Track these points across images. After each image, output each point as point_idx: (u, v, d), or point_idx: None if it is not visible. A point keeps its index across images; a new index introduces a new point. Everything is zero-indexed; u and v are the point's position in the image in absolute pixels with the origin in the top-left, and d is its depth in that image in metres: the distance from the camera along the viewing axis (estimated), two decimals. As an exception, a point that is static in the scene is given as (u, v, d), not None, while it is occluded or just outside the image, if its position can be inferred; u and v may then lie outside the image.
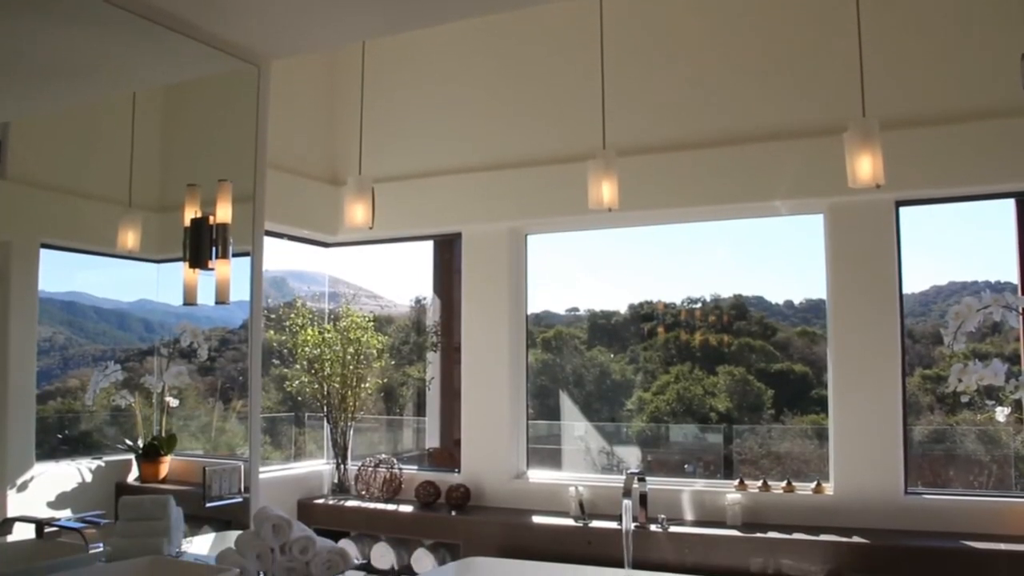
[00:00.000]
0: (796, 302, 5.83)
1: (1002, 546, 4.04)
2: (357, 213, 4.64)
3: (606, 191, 4.20)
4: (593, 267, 6.19)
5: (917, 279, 4.83)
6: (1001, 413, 4.35)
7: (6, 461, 2.87)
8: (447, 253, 6.16)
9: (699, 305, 5.95)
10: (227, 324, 3.89)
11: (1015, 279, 4.57)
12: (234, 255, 3.42)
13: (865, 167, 3.64)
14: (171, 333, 3.56)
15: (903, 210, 4.65)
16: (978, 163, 4.39)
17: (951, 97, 4.50)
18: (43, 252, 3.02)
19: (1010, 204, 4.58)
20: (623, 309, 6.17)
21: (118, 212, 3.28)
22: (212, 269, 3.39)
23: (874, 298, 4.62)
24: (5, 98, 2.89)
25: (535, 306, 5.87)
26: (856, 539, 4.28)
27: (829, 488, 4.71)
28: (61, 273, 3.12)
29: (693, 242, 5.83)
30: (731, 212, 5.14)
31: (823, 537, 4.34)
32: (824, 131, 4.54)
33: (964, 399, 4.37)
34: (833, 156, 3.98)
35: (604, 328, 6.30)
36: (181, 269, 3.35)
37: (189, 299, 3.42)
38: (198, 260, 3.36)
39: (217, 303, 3.45)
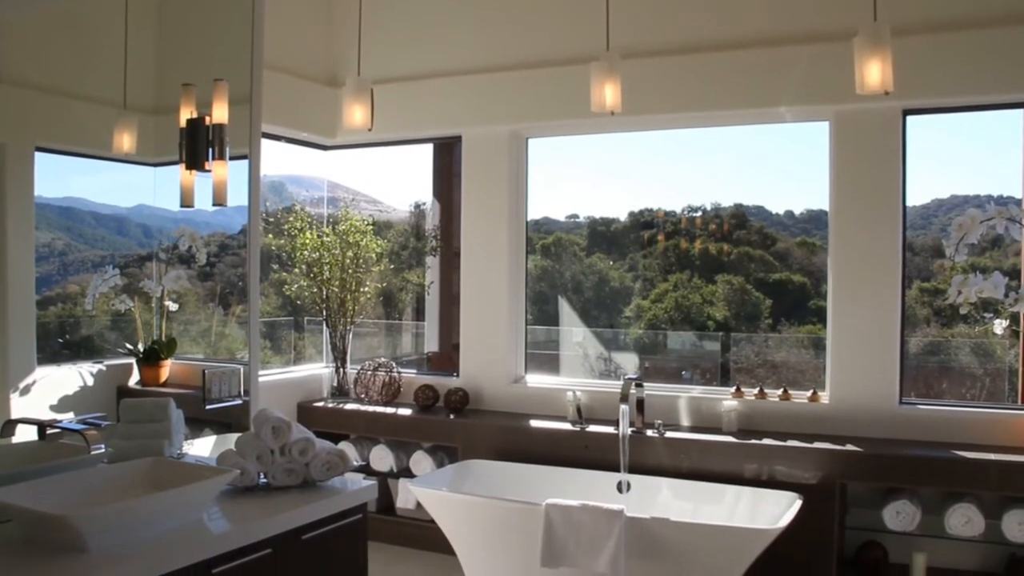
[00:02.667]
0: (797, 212, 5.81)
1: (992, 456, 4.11)
2: (356, 115, 4.57)
3: (609, 94, 4.14)
4: (594, 174, 6.13)
5: (919, 191, 4.80)
6: (999, 326, 4.36)
7: (8, 365, 2.88)
8: (447, 157, 6.10)
9: (699, 214, 5.93)
10: (226, 229, 3.86)
11: (1018, 193, 4.53)
12: (231, 159, 3.37)
13: (874, 73, 3.57)
14: (170, 238, 3.53)
15: (910, 119, 4.58)
16: (990, 71, 4.30)
17: (964, 2, 4.38)
18: (38, 155, 2.97)
19: (1018, 115, 4.51)
20: (623, 216, 6.15)
21: (113, 114, 3.21)
22: (209, 171, 3.35)
23: (876, 209, 4.58)
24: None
25: (535, 212, 5.84)
26: (850, 447, 4.34)
27: (825, 397, 4.75)
28: (57, 177, 3.08)
29: (695, 149, 5.78)
30: (736, 118, 5.05)
31: (817, 444, 4.40)
32: (833, 36, 4.45)
33: (962, 311, 4.38)
34: (841, 62, 3.91)
35: (604, 235, 6.28)
36: (178, 172, 3.31)
37: (186, 201, 3.38)
38: (195, 161, 3.32)
39: (215, 205, 3.42)
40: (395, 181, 6.67)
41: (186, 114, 3.30)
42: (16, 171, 2.89)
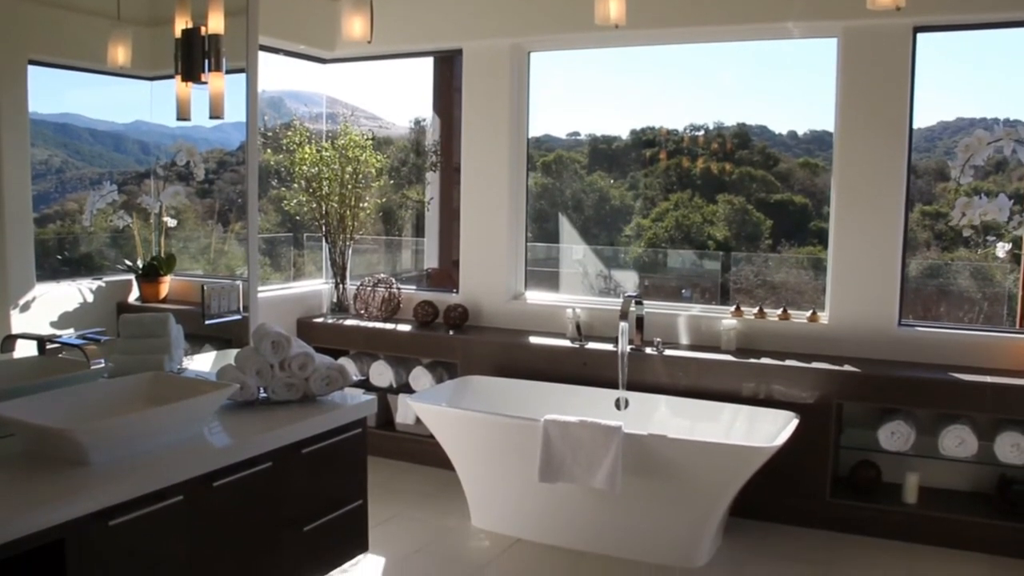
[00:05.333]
0: (800, 133, 5.75)
1: (988, 378, 4.13)
2: (355, 26, 4.48)
3: (613, 6, 4.06)
4: (596, 90, 6.05)
5: (923, 114, 4.71)
6: (1001, 249, 4.35)
7: (7, 282, 2.88)
8: (447, 71, 6.00)
9: (702, 132, 5.86)
10: (224, 146, 3.82)
11: (1027, 115, 4.47)
12: (229, 72, 3.32)
13: (886, -14, 3.49)
14: (167, 154, 3.50)
15: (920, 37, 4.49)
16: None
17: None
18: (31, 69, 2.92)
19: (1030, 34, 4.42)
20: (624, 134, 6.08)
21: (107, 26, 3.15)
22: (205, 83, 3.30)
23: (882, 130, 4.52)
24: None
25: (536, 129, 5.76)
26: (847, 367, 4.36)
27: (824, 317, 4.76)
28: (52, 93, 3.02)
29: (699, 67, 5.69)
30: (743, 33, 4.94)
31: (815, 364, 4.42)
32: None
33: (965, 234, 4.36)
34: (852, -24, 3.82)
35: (605, 153, 6.23)
36: (174, 86, 3.26)
37: (183, 114, 3.34)
38: (191, 73, 3.27)
39: (212, 118, 3.37)
40: (395, 96, 6.58)
41: (181, 24, 3.24)
42: (9, 85, 2.84)
